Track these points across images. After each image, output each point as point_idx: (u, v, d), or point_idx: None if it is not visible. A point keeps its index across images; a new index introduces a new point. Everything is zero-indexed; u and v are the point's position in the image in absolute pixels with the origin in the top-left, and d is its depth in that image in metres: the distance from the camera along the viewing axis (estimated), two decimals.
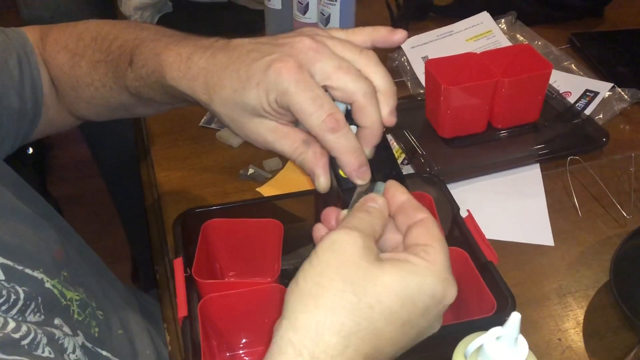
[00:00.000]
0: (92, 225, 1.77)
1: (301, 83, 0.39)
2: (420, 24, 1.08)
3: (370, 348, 0.34)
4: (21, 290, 0.45)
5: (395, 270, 0.35)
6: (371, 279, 0.34)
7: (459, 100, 0.78)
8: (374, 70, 0.42)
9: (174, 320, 0.63)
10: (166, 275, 0.68)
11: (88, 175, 1.90)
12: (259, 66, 0.40)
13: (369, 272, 0.35)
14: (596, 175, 0.77)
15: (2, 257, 0.45)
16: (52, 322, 0.48)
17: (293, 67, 0.39)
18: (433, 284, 0.36)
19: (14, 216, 0.50)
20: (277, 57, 0.40)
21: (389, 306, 0.34)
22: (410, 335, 0.37)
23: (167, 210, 0.74)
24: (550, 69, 0.80)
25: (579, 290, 0.65)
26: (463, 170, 0.79)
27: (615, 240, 0.69)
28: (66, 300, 0.51)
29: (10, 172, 0.57)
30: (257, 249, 0.60)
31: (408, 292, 0.35)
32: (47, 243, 0.52)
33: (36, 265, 0.48)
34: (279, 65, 0.39)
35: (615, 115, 0.89)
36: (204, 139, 0.85)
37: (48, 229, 0.54)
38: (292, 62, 0.39)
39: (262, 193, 0.76)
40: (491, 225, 0.68)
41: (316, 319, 0.33)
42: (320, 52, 0.40)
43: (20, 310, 0.45)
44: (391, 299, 0.34)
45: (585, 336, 0.60)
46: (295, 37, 0.42)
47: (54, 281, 0.50)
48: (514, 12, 1.06)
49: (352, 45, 0.42)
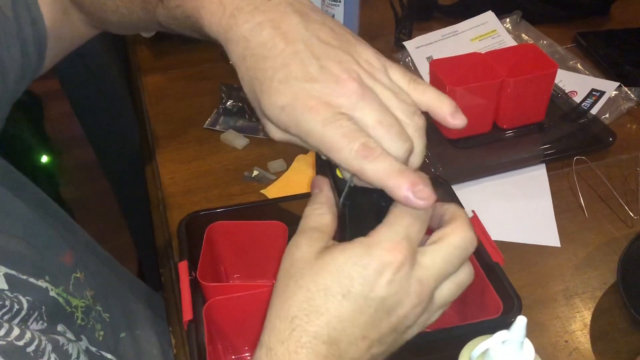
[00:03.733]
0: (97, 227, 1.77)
1: (328, 124, 0.35)
2: (425, 24, 1.07)
3: (317, 327, 0.35)
4: (25, 300, 0.45)
5: (329, 253, 0.37)
6: (310, 266, 0.37)
7: (464, 100, 0.78)
8: (416, 136, 0.38)
9: (179, 323, 0.63)
10: (171, 278, 0.68)
11: (93, 177, 1.90)
12: (291, 88, 0.36)
13: (308, 261, 0.37)
14: (603, 175, 0.77)
15: (6, 267, 0.45)
16: (55, 328, 0.48)
17: (323, 108, 0.35)
18: (361, 254, 0.36)
19: (21, 222, 0.50)
20: (315, 92, 0.35)
21: (323, 282, 0.36)
22: (368, 311, 0.36)
23: (172, 213, 0.74)
24: (555, 68, 0.80)
25: (586, 291, 0.64)
26: (468, 171, 0.79)
27: (622, 240, 0.69)
28: (71, 308, 0.51)
29: (18, 177, 0.57)
30: (262, 251, 0.60)
31: (338, 266, 0.36)
32: (54, 249, 0.52)
33: (41, 273, 0.48)
34: (310, 103, 0.35)
35: (621, 115, 0.88)
36: (208, 141, 0.85)
37: (57, 233, 0.54)
38: (328, 105, 0.35)
39: (267, 195, 0.76)
40: (497, 226, 0.68)
41: (270, 314, 0.37)
42: (365, 99, 0.36)
43: (22, 319, 0.45)
44: (323, 276, 0.36)
45: (592, 338, 0.60)
46: (346, 67, 0.36)
47: (59, 289, 0.49)
48: (518, 12, 1.06)
49: (408, 102, 0.38)
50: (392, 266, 0.36)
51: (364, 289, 0.36)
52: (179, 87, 0.98)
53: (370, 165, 0.35)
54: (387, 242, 0.36)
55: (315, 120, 0.35)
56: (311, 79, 0.35)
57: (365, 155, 0.35)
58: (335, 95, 0.35)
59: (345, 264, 0.36)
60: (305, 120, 0.35)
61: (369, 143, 0.35)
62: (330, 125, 0.35)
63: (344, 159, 0.35)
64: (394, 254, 0.36)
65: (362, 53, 0.38)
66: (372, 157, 0.35)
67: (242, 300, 0.52)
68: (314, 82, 0.35)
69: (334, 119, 0.35)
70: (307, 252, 0.38)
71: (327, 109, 0.35)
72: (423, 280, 0.37)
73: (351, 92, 0.35)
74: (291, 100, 0.35)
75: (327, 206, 0.41)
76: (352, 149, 0.35)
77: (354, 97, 0.35)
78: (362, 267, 0.36)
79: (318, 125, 0.35)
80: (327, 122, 0.35)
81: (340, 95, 0.35)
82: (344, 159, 0.35)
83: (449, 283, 0.38)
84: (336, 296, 0.36)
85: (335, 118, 0.35)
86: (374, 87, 0.37)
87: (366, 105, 0.36)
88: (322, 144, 0.35)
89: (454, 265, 0.38)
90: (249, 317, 0.54)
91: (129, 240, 1.51)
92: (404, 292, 0.36)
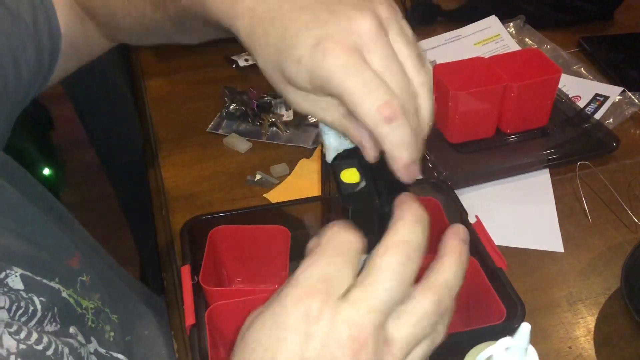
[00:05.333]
0: (100, 231, 1.77)
1: (350, 67, 0.33)
2: (428, 28, 1.07)
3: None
4: (38, 301, 0.45)
5: (253, 323, 0.32)
6: (238, 342, 0.32)
7: (467, 105, 0.78)
8: (423, 92, 0.36)
9: (181, 327, 0.63)
10: (173, 282, 0.68)
11: (96, 180, 1.91)
12: (306, 39, 0.34)
13: (240, 336, 0.32)
14: (606, 180, 0.77)
15: (22, 268, 0.45)
16: (68, 330, 0.48)
17: (342, 50, 0.33)
18: (273, 313, 0.31)
19: (31, 225, 0.50)
20: (328, 33, 0.34)
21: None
22: None
23: (175, 216, 0.74)
24: (559, 73, 0.80)
25: (589, 297, 0.64)
26: (471, 176, 0.78)
27: (626, 246, 0.69)
28: (82, 309, 0.51)
29: (30, 180, 0.57)
30: (265, 256, 0.60)
31: (256, 338, 0.31)
32: (63, 252, 0.52)
33: (52, 275, 0.48)
34: (327, 46, 0.33)
35: (625, 120, 0.88)
36: (211, 145, 0.85)
37: (65, 236, 0.54)
38: (342, 44, 0.34)
39: (269, 199, 0.76)
40: (500, 231, 0.68)
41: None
42: (377, 41, 0.34)
43: (39, 321, 0.45)
44: (245, 357, 0.31)
45: (596, 344, 0.60)
46: (359, 6, 0.35)
47: (70, 290, 0.50)
48: (522, 16, 1.06)
49: (418, 54, 0.37)
50: (309, 316, 0.29)
51: (287, 357, 0.29)
52: (182, 91, 0.98)
53: (387, 129, 0.33)
54: (297, 290, 0.30)
55: (335, 63, 0.33)
56: (324, 23, 0.34)
57: (387, 118, 0.33)
58: (349, 33, 0.34)
59: (261, 333, 0.30)
60: (325, 67, 0.34)
61: (392, 103, 0.33)
62: (351, 68, 0.33)
63: (363, 114, 0.33)
64: (306, 301, 0.30)
65: (377, 2, 0.36)
66: (393, 122, 0.33)
67: (244, 304, 0.52)
68: (326, 25, 0.34)
69: (355, 64, 0.33)
70: (244, 327, 0.32)
71: (344, 51, 0.33)
72: (354, 320, 0.29)
73: (366, 31, 0.34)
74: (307, 48, 0.34)
75: None
76: (372, 105, 0.33)
77: (367, 37, 0.34)
78: (277, 329, 0.30)
79: (338, 70, 0.33)
80: (347, 67, 0.33)
81: (353, 32, 0.34)
82: (363, 114, 0.34)
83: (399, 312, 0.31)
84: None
85: (357, 63, 0.33)
86: (388, 28, 0.35)
87: (377, 47, 0.34)
88: (342, 92, 0.34)
89: (395, 290, 0.30)
90: None
91: (131, 244, 1.51)
92: (334, 342, 0.29)
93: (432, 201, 0.61)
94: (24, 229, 0.49)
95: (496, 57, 0.84)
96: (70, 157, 2.09)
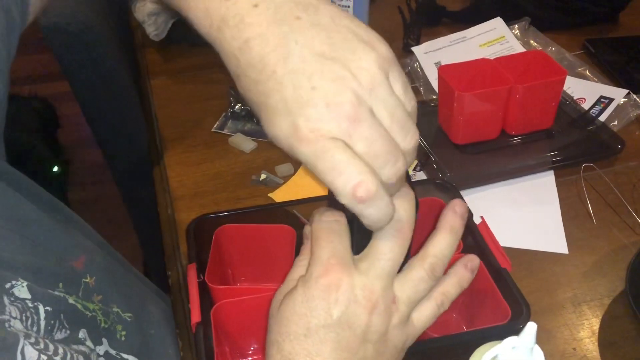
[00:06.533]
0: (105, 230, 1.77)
1: (319, 155, 0.34)
2: (433, 30, 1.08)
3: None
4: (43, 310, 0.45)
5: (284, 302, 0.41)
6: (274, 320, 0.42)
7: (472, 106, 0.78)
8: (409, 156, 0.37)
9: (186, 325, 0.63)
10: (178, 281, 0.68)
11: (101, 179, 1.92)
12: (283, 118, 0.35)
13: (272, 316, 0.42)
14: (611, 182, 0.77)
15: (27, 280, 0.45)
16: (77, 335, 0.48)
17: (314, 138, 0.34)
18: (303, 291, 0.40)
19: (34, 229, 0.50)
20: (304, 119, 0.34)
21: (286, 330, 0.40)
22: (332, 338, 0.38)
23: (180, 216, 0.74)
24: (564, 75, 0.80)
25: (594, 299, 0.64)
26: (476, 177, 0.79)
27: (630, 248, 0.69)
28: (90, 312, 0.51)
29: (29, 182, 0.57)
30: (270, 255, 0.60)
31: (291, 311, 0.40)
32: (68, 254, 0.52)
33: (56, 281, 0.48)
34: (301, 134, 0.34)
35: (630, 122, 0.88)
36: (216, 144, 0.86)
37: (71, 238, 0.54)
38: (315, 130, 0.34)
39: (274, 198, 0.76)
40: (505, 233, 0.68)
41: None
42: (356, 124, 0.34)
43: (48, 330, 0.45)
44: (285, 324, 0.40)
45: (600, 346, 0.60)
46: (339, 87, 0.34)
47: (74, 297, 0.50)
48: (527, 18, 1.06)
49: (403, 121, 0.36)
50: (331, 286, 0.38)
51: (319, 320, 0.38)
52: (187, 91, 0.98)
53: (363, 208, 0.35)
54: (317, 269, 0.39)
55: (307, 152, 0.34)
56: (302, 104, 0.34)
57: (361, 199, 0.34)
58: (326, 121, 0.34)
59: (295, 305, 0.39)
60: (300, 153, 0.35)
61: (364, 182, 0.34)
62: (322, 157, 0.34)
63: (339, 194, 0.35)
64: (327, 276, 0.38)
65: (362, 61, 0.35)
66: (368, 202, 0.34)
67: (249, 303, 0.52)
68: (305, 107, 0.34)
69: (323, 150, 0.34)
70: (274, 307, 0.42)
71: (317, 139, 0.34)
72: (367, 284, 0.39)
73: (342, 116, 0.34)
74: (284, 131, 0.35)
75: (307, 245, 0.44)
76: (345, 185, 0.34)
77: (345, 122, 0.34)
78: (308, 301, 0.39)
79: (311, 157, 0.34)
80: (318, 154, 0.34)
81: (330, 120, 0.34)
82: (339, 194, 0.35)
83: (401, 278, 0.40)
84: (299, 337, 0.39)
85: (325, 149, 0.34)
86: (371, 103, 0.35)
87: (356, 131, 0.34)
88: (318, 174, 0.35)
89: (395, 260, 0.39)
90: (257, 321, 0.54)
91: (136, 243, 1.51)
92: (354, 303, 0.38)
93: (436, 201, 0.61)
94: (30, 233, 0.48)
95: (501, 58, 0.84)
96: (76, 156, 2.10)
